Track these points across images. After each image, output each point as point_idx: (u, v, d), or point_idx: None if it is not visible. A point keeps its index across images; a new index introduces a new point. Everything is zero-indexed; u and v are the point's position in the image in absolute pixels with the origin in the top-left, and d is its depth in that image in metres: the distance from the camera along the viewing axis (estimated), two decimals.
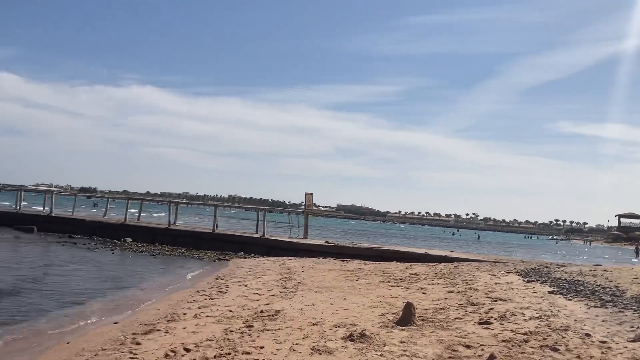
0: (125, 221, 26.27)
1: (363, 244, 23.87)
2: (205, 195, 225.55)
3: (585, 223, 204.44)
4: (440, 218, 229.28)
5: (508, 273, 14.75)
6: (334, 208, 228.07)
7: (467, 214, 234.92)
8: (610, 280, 12.19)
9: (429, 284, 12.58)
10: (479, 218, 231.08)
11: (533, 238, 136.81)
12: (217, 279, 14.05)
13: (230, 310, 9.31)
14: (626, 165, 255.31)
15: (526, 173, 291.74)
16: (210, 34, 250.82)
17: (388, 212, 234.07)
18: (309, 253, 20.99)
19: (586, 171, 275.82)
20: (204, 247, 22.99)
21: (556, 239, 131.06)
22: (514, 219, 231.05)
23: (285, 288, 12.02)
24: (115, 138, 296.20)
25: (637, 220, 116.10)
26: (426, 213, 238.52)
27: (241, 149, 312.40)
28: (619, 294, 10.22)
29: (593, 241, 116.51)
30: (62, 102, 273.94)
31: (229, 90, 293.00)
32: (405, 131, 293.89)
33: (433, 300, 10.26)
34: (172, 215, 26.25)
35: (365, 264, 17.96)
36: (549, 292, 10.89)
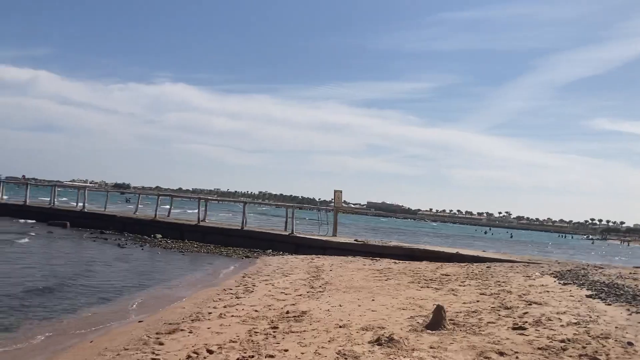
0: (156, 217, 26.47)
1: (393, 243, 23.52)
2: (236, 191, 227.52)
3: (622, 223, 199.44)
4: (472, 216, 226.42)
5: (543, 274, 14.26)
6: (364, 205, 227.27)
7: (500, 212, 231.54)
8: None
9: (460, 285, 12.22)
10: (512, 216, 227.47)
11: (567, 237, 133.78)
12: (245, 277, 13.94)
13: (256, 310, 9.15)
14: None
15: (561, 171, 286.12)
16: (241, 31, 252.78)
17: (419, 210, 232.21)
18: (338, 251, 20.77)
19: (623, 169, 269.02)
20: (232, 244, 23.00)
21: (592, 239, 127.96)
22: (548, 218, 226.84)
23: (312, 287, 11.83)
24: (148, 135, 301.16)
25: None
26: (458, 211, 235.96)
27: (272, 145, 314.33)
28: None
29: (631, 241, 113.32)
30: (97, 100, 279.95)
31: (259, 87, 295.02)
32: (437, 128, 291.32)
33: (464, 302, 9.92)
34: (202, 212, 26.34)
35: (395, 263, 17.64)
36: (587, 296, 10.42)
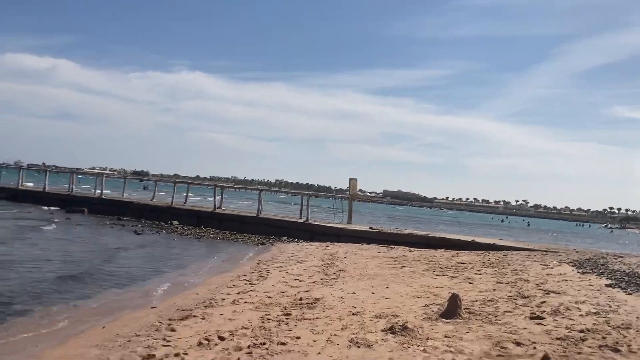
0: (172, 204, 26.56)
1: (408, 231, 23.36)
2: (253, 179, 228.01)
3: None
4: (489, 205, 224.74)
5: (561, 263, 14.03)
6: (380, 194, 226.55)
7: (517, 201, 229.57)
8: None
9: (476, 274, 12.06)
10: (529, 205, 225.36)
11: (585, 226, 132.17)
12: (259, 263, 13.91)
13: (269, 297, 9.10)
14: None
15: (579, 159, 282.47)
16: (257, 19, 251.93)
17: (435, 198, 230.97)
18: (353, 239, 20.66)
19: None
20: (248, 231, 23.00)
21: (611, 228, 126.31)
22: (566, 206, 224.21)
23: (326, 275, 11.75)
24: (166, 123, 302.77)
25: None
26: (474, 199, 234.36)
27: (288, 134, 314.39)
28: None
29: None
30: (116, 88, 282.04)
31: (275, 75, 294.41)
32: (453, 116, 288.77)
33: (480, 291, 9.77)
34: (218, 199, 26.39)
35: (410, 251, 17.50)
36: (607, 285, 10.21)
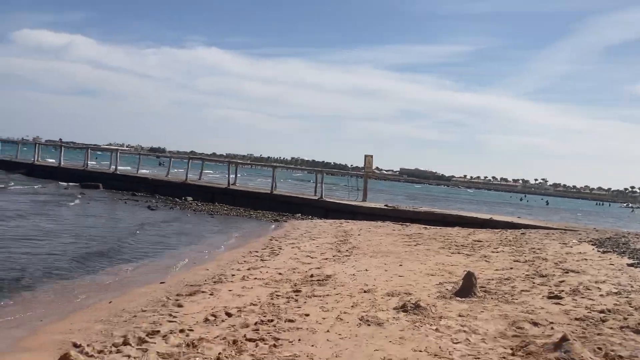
0: (186, 180, 26.54)
1: (424, 208, 23.08)
2: (269, 157, 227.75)
3: None
4: (507, 183, 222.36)
5: (580, 242, 13.69)
6: (397, 172, 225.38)
7: (536, 180, 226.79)
8: None
9: (492, 252, 11.79)
10: (548, 184, 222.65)
11: (605, 205, 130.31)
12: (272, 240, 13.78)
13: (280, 273, 8.94)
14: None
15: (601, 137, 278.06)
16: None
17: (453, 177, 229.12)
18: (368, 216, 20.46)
19: None
20: (262, 208, 22.88)
21: (632, 207, 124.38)
22: (586, 185, 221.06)
23: (339, 252, 11.57)
24: (182, 100, 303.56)
25: None
26: (492, 178, 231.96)
27: (305, 111, 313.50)
28: None
29: None
30: (132, 64, 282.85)
31: (292, 51, 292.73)
32: (473, 93, 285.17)
33: (497, 269, 9.52)
34: (232, 175, 26.30)
35: (426, 228, 17.25)
36: (628, 265, 9.89)
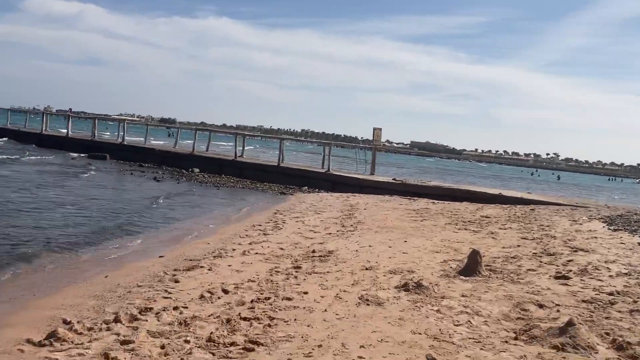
0: (193, 152, 26.38)
1: (432, 183, 22.78)
2: (279, 128, 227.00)
3: None
4: (519, 157, 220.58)
5: (591, 219, 13.41)
6: (407, 145, 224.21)
7: (548, 154, 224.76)
8: None
9: (500, 228, 11.56)
10: (560, 158, 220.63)
11: (617, 180, 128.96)
12: (276, 213, 13.61)
13: (282, 248, 8.78)
14: None
15: (615, 112, 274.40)
16: None
17: (464, 150, 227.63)
18: (375, 190, 20.20)
19: None
20: (268, 180, 22.72)
21: None
22: (598, 160, 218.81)
23: (343, 226, 11.39)
24: (192, 70, 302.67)
25: None
26: (504, 152, 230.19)
27: (315, 82, 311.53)
28: None
29: None
30: (142, 34, 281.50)
31: (303, 21, 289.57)
32: (486, 65, 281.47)
33: (504, 247, 9.30)
34: (239, 147, 26.08)
35: (433, 203, 17.01)
36: (639, 244, 9.64)
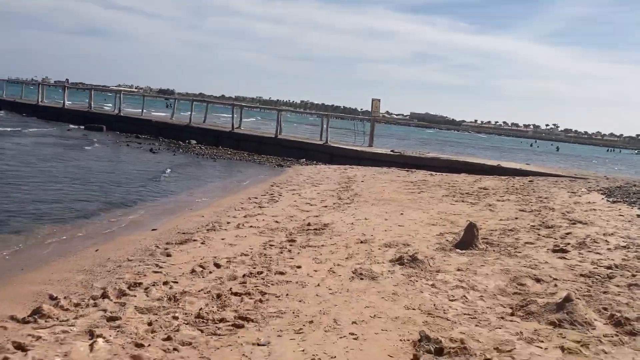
0: (190, 123, 26.12)
1: (430, 154, 22.60)
2: (278, 100, 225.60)
3: None
4: (518, 128, 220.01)
5: (589, 191, 13.30)
6: (407, 116, 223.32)
7: (547, 125, 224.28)
8: None
9: (498, 200, 11.44)
10: (559, 129, 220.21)
11: (616, 152, 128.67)
12: (273, 185, 13.47)
13: (277, 222, 8.66)
14: None
15: (616, 82, 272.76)
16: None
17: (463, 122, 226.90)
18: (373, 162, 20.04)
19: None
20: (266, 152, 22.53)
21: None
22: (597, 131, 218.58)
23: (340, 199, 11.26)
24: (191, 40, 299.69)
25: None
26: (503, 122, 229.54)
27: (315, 53, 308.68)
28: None
29: None
30: (140, 3, 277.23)
31: None
32: (488, 35, 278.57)
33: (501, 219, 9.19)
34: (237, 118, 25.82)
35: (431, 175, 16.87)
36: (638, 216, 9.53)
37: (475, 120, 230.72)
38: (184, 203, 10.93)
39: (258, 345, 3.90)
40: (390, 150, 22.46)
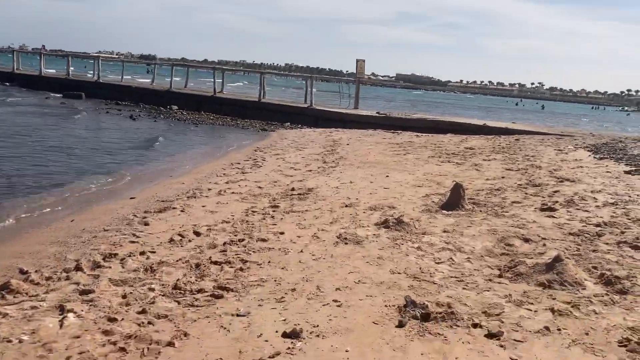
0: (171, 88, 25.54)
1: (416, 115, 22.35)
2: (262, 63, 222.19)
3: None
4: (504, 87, 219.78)
5: (576, 148, 13.22)
6: (393, 77, 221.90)
7: (532, 84, 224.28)
8: None
9: (484, 160, 11.31)
10: (545, 87, 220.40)
11: (601, 109, 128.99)
12: (256, 150, 13.20)
13: (260, 187, 8.45)
14: None
15: (600, 39, 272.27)
16: None
17: (449, 82, 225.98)
18: (359, 124, 19.74)
19: None
20: (249, 117, 22.10)
21: (627, 111, 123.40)
22: (582, 89, 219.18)
23: (325, 163, 11.05)
24: (172, 4, 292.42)
25: None
26: (489, 82, 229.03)
27: (300, 13, 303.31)
28: None
29: None
30: None
31: None
32: None
33: (488, 179, 9.06)
34: (218, 82, 25.24)
35: (417, 136, 16.68)
36: (625, 172, 9.46)
37: (461, 81, 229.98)
38: (164, 170, 10.64)
39: (237, 316, 3.74)
40: (376, 112, 22.15)
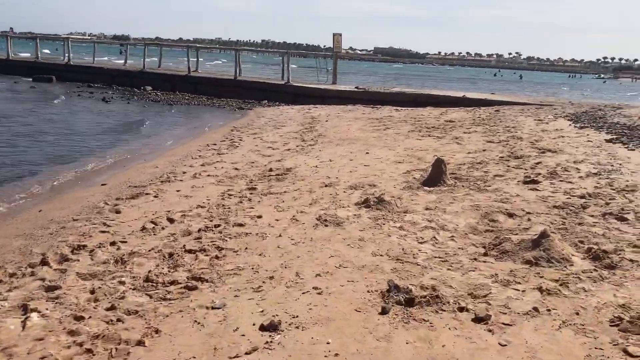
0: (144, 68, 24.94)
1: (396, 89, 22.11)
2: (238, 40, 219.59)
3: (635, 60, 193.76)
4: (482, 59, 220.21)
5: (556, 118, 13.14)
6: (371, 51, 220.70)
7: (510, 54, 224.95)
8: None
9: (465, 133, 11.16)
10: (522, 57, 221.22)
11: (577, 77, 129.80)
12: (233, 130, 12.89)
13: (236, 169, 8.20)
14: None
15: (575, 6, 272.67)
16: None
17: (427, 54, 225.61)
18: (338, 100, 19.48)
19: None
20: (226, 95, 21.70)
21: (604, 78, 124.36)
22: (559, 58, 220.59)
23: (303, 141, 10.81)
24: None
25: None
26: (467, 53, 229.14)
27: None
28: None
29: None
30: None
31: None
32: None
33: (469, 152, 8.91)
34: (193, 61, 24.69)
35: (397, 110, 16.47)
36: (607, 141, 9.39)
37: (439, 53, 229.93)
38: (137, 154, 10.31)
39: (212, 308, 3.54)
40: (355, 87, 21.88)
